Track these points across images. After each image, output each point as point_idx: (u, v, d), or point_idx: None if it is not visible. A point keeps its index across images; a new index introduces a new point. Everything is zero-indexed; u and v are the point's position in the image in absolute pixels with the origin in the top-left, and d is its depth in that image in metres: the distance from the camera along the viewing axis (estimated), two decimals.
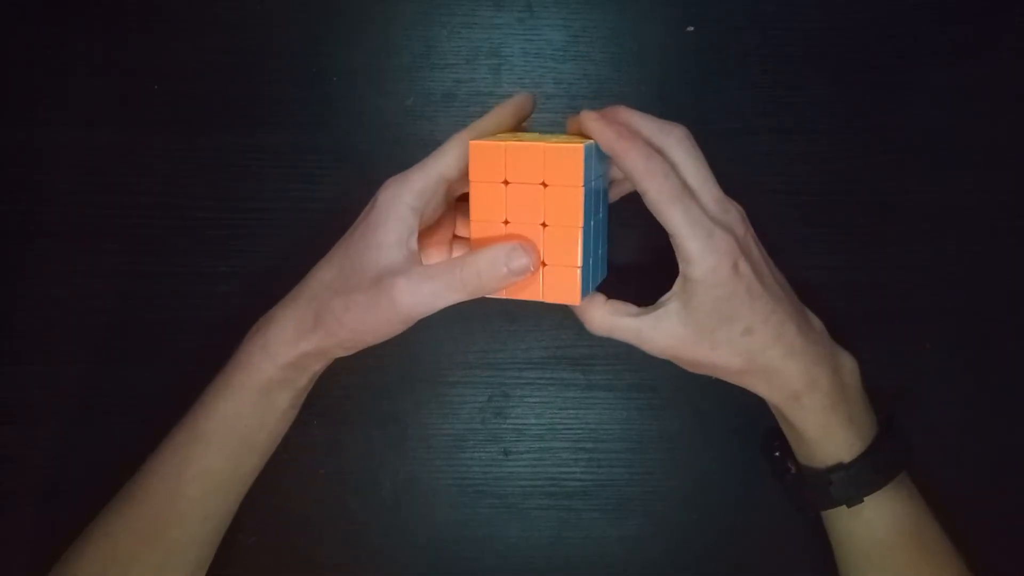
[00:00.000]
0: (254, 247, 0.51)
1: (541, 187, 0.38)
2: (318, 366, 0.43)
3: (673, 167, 0.39)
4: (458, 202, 0.45)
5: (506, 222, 0.39)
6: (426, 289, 0.38)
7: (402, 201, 0.39)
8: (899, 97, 0.52)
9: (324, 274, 0.41)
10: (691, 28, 0.52)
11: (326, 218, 0.50)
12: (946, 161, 0.51)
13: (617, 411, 0.50)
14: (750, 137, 0.51)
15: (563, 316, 0.51)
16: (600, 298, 0.42)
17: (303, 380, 0.43)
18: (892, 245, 0.51)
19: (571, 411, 0.51)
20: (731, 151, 0.51)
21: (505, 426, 0.50)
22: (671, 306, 0.40)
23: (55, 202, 0.51)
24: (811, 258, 0.51)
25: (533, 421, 0.50)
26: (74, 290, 0.50)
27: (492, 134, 0.41)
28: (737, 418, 0.49)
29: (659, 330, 0.41)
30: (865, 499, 0.42)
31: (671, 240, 0.39)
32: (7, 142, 0.51)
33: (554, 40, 0.52)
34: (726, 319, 0.40)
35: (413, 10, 0.52)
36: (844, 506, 0.43)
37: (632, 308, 0.42)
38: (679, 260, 0.39)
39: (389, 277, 0.38)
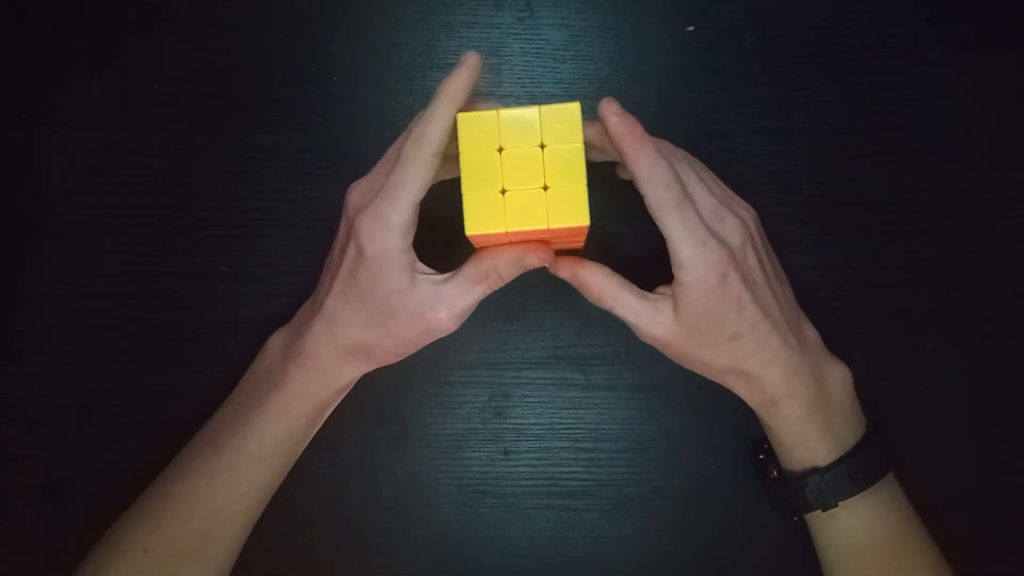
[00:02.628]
0: (254, 247, 0.51)
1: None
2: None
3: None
4: None
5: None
6: (459, 305, 0.41)
7: (393, 250, 0.39)
8: (899, 97, 0.52)
9: (355, 315, 0.41)
10: (691, 28, 0.52)
11: (326, 218, 0.50)
12: (946, 161, 0.51)
13: (617, 411, 0.50)
14: (750, 137, 0.51)
15: (563, 316, 0.51)
16: (606, 269, 0.43)
17: (349, 389, 0.45)
18: (892, 245, 0.51)
19: (571, 411, 0.50)
20: (731, 151, 0.51)
21: (505, 426, 0.50)
22: (667, 300, 0.41)
23: (55, 202, 0.51)
24: (811, 258, 0.51)
25: (533, 421, 0.50)
26: (74, 290, 0.50)
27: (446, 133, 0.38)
28: (737, 418, 0.49)
29: (654, 318, 0.41)
30: (840, 504, 0.42)
31: (666, 243, 0.39)
32: (7, 142, 0.51)
33: (554, 40, 0.52)
34: (716, 322, 0.41)
35: (413, 10, 0.52)
36: (820, 510, 0.43)
37: (635, 288, 0.42)
38: (672, 263, 0.40)
39: (421, 309, 0.41)
